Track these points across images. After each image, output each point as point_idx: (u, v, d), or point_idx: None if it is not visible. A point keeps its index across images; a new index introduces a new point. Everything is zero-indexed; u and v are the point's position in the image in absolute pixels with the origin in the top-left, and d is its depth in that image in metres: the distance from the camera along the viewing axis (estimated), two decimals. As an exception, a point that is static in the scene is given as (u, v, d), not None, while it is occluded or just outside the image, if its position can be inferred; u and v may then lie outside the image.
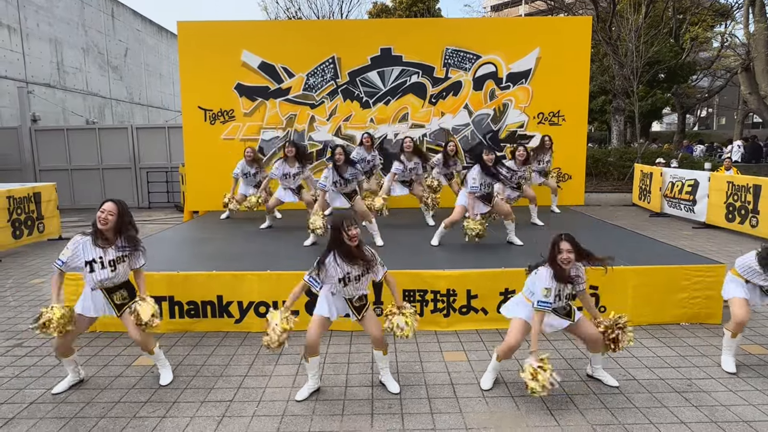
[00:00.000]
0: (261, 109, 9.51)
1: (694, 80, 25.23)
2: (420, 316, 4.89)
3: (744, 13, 18.60)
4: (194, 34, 9.40)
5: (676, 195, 11.12)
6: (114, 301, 3.76)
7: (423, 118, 9.60)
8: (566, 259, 3.41)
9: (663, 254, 5.69)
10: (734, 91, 27.20)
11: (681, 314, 5.01)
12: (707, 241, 8.80)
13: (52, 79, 16.57)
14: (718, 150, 22.38)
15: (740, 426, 3.28)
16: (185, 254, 6.41)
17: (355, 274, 3.55)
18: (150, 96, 23.19)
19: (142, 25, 22.72)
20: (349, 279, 3.55)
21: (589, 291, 4.90)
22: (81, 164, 14.29)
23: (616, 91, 17.53)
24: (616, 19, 17.66)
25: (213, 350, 4.54)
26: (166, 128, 14.47)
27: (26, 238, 8.76)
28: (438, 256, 5.74)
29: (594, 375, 3.92)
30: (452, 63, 9.50)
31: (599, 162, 15.33)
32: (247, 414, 3.48)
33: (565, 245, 3.42)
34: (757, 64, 17.32)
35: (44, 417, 3.46)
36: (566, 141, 9.25)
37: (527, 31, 9.63)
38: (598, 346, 3.72)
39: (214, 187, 8.96)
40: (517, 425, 3.31)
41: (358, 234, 3.49)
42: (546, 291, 3.43)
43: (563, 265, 3.43)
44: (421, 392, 3.74)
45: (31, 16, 15.70)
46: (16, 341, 4.80)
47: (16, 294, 6.31)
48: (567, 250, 3.41)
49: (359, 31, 9.86)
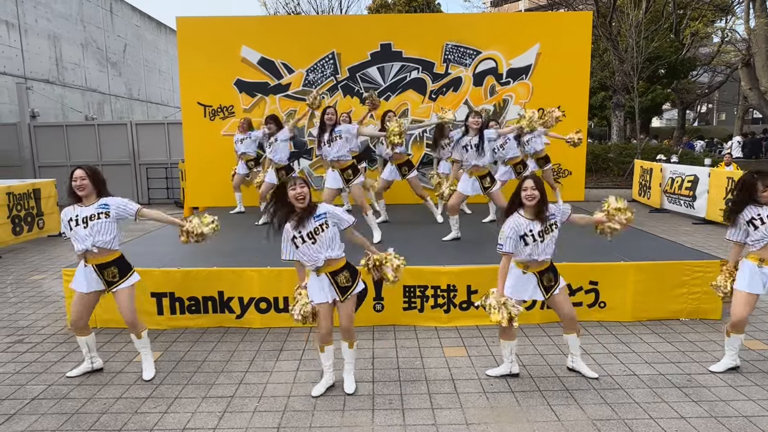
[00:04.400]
0: (261, 105, 9.49)
1: (695, 76, 25.20)
2: (420, 312, 4.94)
3: (744, 9, 18.55)
4: (193, 30, 9.37)
5: (676, 191, 11.11)
6: (105, 277, 3.79)
7: (423, 113, 9.59)
8: (530, 196, 3.54)
9: (663, 250, 5.69)
10: (734, 86, 27.14)
11: (681, 310, 5.02)
12: (707, 237, 8.80)
13: (50, 75, 16.52)
14: (718, 146, 22.38)
15: (740, 421, 3.29)
16: (185, 250, 6.38)
17: (306, 230, 3.40)
18: (149, 92, 23.13)
19: (141, 21, 22.64)
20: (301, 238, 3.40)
21: (588, 286, 4.96)
22: (80, 160, 14.24)
23: (616, 87, 17.51)
24: (617, 14, 17.63)
25: (214, 346, 4.54)
26: (166, 124, 14.44)
27: (26, 234, 8.76)
28: (438, 252, 5.74)
29: (574, 367, 3.94)
30: (452, 59, 9.47)
31: (599, 158, 15.33)
32: (248, 409, 3.49)
33: (529, 182, 3.57)
34: (758, 59, 17.27)
35: (46, 413, 3.47)
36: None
37: (527, 26, 9.61)
38: (573, 325, 3.79)
39: (213, 183, 8.96)
40: (518, 420, 3.32)
41: (305, 193, 3.37)
42: (501, 233, 3.61)
43: (527, 202, 3.56)
44: (422, 388, 3.75)
45: (30, 11, 15.64)
46: (18, 337, 4.81)
47: (17, 290, 6.32)
48: (531, 187, 3.55)
49: (359, 26, 9.83)
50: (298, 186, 3.37)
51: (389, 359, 4.23)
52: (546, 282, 3.69)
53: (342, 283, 3.53)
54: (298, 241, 3.43)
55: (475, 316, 4.92)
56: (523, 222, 3.59)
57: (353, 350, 3.70)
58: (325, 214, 3.45)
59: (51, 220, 9.36)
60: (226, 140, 9.11)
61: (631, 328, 4.83)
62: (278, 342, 4.60)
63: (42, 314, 5.43)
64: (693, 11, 21.65)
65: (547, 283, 3.70)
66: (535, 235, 3.58)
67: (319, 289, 3.53)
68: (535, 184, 3.56)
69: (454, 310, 4.94)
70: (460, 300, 4.93)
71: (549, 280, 3.70)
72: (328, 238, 3.45)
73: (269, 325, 4.91)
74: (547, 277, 3.70)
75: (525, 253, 3.61)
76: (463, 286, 4.90)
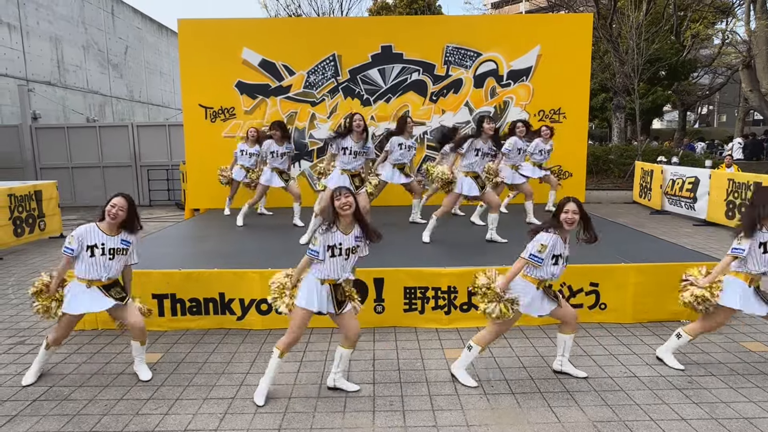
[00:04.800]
0: (262, 107, 9.50)
1: (695, 77, 25.21)
2: (421, 313, 4.95)
3: (745, 10, 18.58)
4: (195, 32, 9.39)
5: (676, 192, 11.12)
6: (113, 296, 3.80)
7: (424, 115, 9.60)
8: (570, 219, 3.50)
9: (663, 252, 5.70)
10: (735, 88, 27.17)
11: (681, 311, 4.99)
12: (708, 239, 8.80)
13: (52, 77, 16.56)
14: (718, 147, 22.38)
15: (741, 423, 3.29)
16: (186, 252, 6.43)
17: (345, 246, 3.43)
18: (150, 94, 23.18)
19: (143, 23, 22.70)
20: (339, 251, 3.42)
21: (589, 288, 4.97)
22: (82, 162, 14.30)
23: (616, 89, 17.53)
24: (617, 16, 17.65)
25: (215, 348, 4.55)
26: (167, 126, 14.47)
27: (28, 236, 8.78)
28: (439, 254, 5.74)
29: (563, 369, 3.93)
30: (453, 60, 9.49)
31: (600, 159, 15.34)
32: (249, 411, 3.49)
33: (572, 206, 3.52)
34: (758, 61, 17.30)
35: (47, 414, 3.48)
36: (567, 138, 9.24)
37: (528, 28, 9.62)
38: (574, 324, 3.83)
39: (215, 185, 8.96)
40: (518, 422, 3.32)
41: (351, 203, 3.37)
42: (541, 247, 3.51)
43: (566, 225, 3.52)
44: (422, 389, 3.76)
45: (32, 13, 15.69)
46: (19, 338, 4.82)
47: (18, 292, 6.33)
48: (573, 210, 3.50)
49: (360, 28, 9.85)
50: (343, 196, 3.38)
51: (390, 361, 4.23)
52: (550, 295, 3.73)
53: (340, 297, 3.55)
54: (334, 251, 3.43)
55: (476, 318, 4.92)
56: (560, 243, 3.56)
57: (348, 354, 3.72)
58: (360, 238, 3.49)
59: (52, 222, 9.38)
60: (228, 142, 9.13)
61: (631, 330, 4.83)
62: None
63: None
64: (693, 13, 21.70)
65: (552, 296, 3.73)
66: (565, 258, 3.62)
67: (317, 297, 3.49)
68: (578, 208, 3.52)
69: (455, 311, 4.94)
70: (461, 302, 4.93)
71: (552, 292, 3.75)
72: (353, 262, 3.54)
73: (270, 327, 4.91)
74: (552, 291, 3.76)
75: (548, 273, 3.61)
76: (463, 288, 4.90)
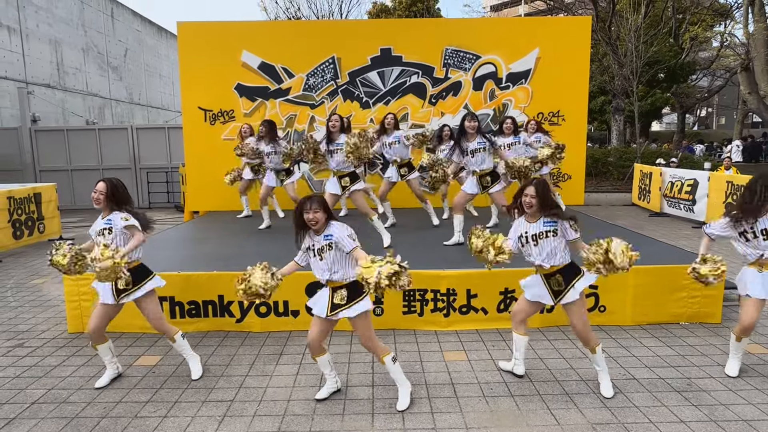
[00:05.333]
0: (261, 110, 9.52)
1: (694, 80, 25.26)
2: (420, 316, 4.94)
3: (743, 13, 18.62)
4: (194, 35, 9.42)
5: (675, 195, 11.12)
6: (117, 286, 3.76)
7: (423, 118, 9.61)
8: (528, 203, 3.53)
9: (662, 254, 5.70)
10: (734, 90, 27.23)
11: (681, 313, 5.02)
12: (707, 241, 8.79)
13: (51, 80, 16.57)
14: (717, 150, 22.41)
15: (740, 425, 3.29)
16: (186, 254, 6.43)
17: (317, 247, 3.39)
18: (150, 96, 23.19)
19: (142, 26, 22.72)
20: (313, 252, 3.40)
21: (588, 290, 4.95)
22: (81, 165, 14.30)
23: (615, 91, 17.55)
24: (616, 18, 17.68)
25: (214, 350, 4.55)
26: (166, 128, 14.49)
27: (27, 238, 8.77)
28: (438, 256, 5.75)
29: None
30: (452, 63, 9.51)
31: (599, 162, 15.34)
32: (248, 414, 3.49)
33: (530, 190, 3.53)
34: (757, 63, 17.33)
35: (46, 417, 3.47)
36: (566, 141, 9.14)
37: (527, 31, 9.65)
38: (585, 341, 3.64)
39: (214, 187, 8.97)
40: (517, 424, 3.32)
41: (317, 220, 3.31)
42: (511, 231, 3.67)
43: (526, 208, 3.56)
44: (422, 392, 3.75)
45: (31, 16, 15.70)
46: (18, 341, 4.81)
47: (17, 294, 6.32)
48: (531, 195, 3.52)
49: (359, 31, 9.88)
50: (312, 211, 3.32)
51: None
52: (554, 286, 3.59)
53: (336, 300, 3.44)
54: (310, 253, 3.45)
55: (475, 321, 4.93)
56: (522, 222, 3.64)
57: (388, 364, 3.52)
58: (331, 236, 3.37)
59: (51, 224, 9.38)
60: (227, 144, 9.14)
61: (630, 332, 4.83)
62: (278, 346, 4.60)
63: (42, 318, 5.43)
64: (692, 16, 21.76)
65: (556, 288, 3.59)
66: (528, 237, 3.57)
67: (320, 300, 3.52)
68: (535, 191, 3.50)
69: (454, 314, 4.94)
70: (460, 304, 4.93)
71: (558, 284, 3.57)
72: (331, 260, 3.38)
73: (269, 329, 4.91)
74: (555, 281, 3.58)
75: (526, 255, 3.63)
76: (463, 290, 4.91)
